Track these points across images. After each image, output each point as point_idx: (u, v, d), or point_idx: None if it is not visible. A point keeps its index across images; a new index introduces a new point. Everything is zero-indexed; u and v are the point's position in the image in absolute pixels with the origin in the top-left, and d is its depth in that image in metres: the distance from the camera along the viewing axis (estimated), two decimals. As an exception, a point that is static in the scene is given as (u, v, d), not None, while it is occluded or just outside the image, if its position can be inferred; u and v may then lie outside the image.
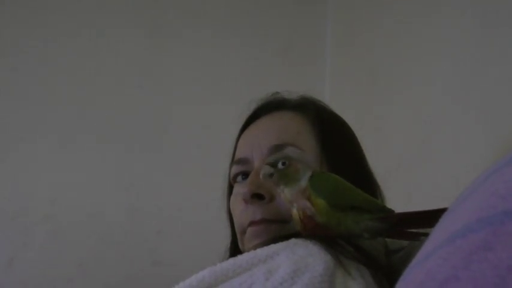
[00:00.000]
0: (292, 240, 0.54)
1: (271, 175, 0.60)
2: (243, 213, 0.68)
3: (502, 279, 0.24)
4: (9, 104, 1.52)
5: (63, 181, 1.51)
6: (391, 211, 0.59)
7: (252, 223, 0.66)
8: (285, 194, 0.60)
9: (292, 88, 0.79)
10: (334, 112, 0.77)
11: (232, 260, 0.52)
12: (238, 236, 0.70)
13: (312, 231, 0.57)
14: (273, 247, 0.52)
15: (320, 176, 0.60)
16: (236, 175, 0.72)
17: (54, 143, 1.53)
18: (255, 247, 0.60)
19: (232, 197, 0.73)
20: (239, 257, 0.52)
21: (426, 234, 0.56)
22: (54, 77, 1.56)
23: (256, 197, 0.66)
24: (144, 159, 1.58)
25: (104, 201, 1.52)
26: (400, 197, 0.73)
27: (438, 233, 0.32)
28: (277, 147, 0.67)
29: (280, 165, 0.60)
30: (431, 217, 0.53)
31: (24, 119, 1.51)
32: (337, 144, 0.69)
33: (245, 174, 0.71)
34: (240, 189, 0.69)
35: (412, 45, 1.32)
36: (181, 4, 1.70)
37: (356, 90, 1.58)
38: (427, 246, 0.32)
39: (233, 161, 0.74)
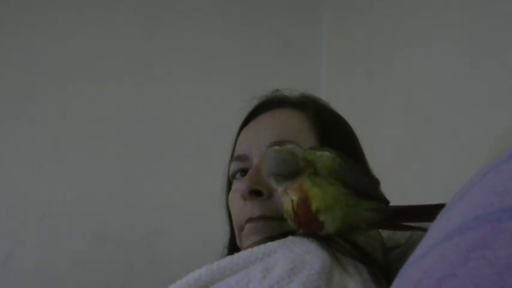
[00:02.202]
0: (289, 238, 0.54)
1: None
2: (241, 209, 0.67)
3: (499, 277, 0.24)
4: (7, 104, 1.51)
5: (60, 180, 1.51)
6: (387, 202, 0.59)
7: (250, 220, 0.66)
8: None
9: (289, 85, 0.79)
10: (334, 111, 0.77)
11: (229, 258, 0.52)
12: (236, 232, 0.70)
13: (306, 224, 0.57)
14: (270, 245, 0.52)
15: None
16: (235, 172, 0.72)
17: (51, 142, 1.52)
18: (253, 244, 0.60)
19: (230, 194, 0.72)
20: (236, 255, 0.52)
21: (423, 229, 0.56)
22: (49, 75, 1.55)
23: (255, 193, 0.65)
24: (140, 158, 1.58)
25: (101, 200, 1.52)
26: (395, 195, 0.73)
27: (436, 231, 0.32)
28: (277, 144, 0.67)
29: None
30: (427, 211, 0.53)
31: (22, 118, 1.51)
32: (337, 142, 0.68)
33: (244, 171, 0.70)
34: (238, 185, 0.69)
35: (408, 43, 1.32)
36: (177, 3, 1.69)
37: (352, 87, 1.59)
38: (425, 243, 0.32)
39: (232, 158, 0.74)
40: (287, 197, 0.58)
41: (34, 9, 1.57)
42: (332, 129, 0.71)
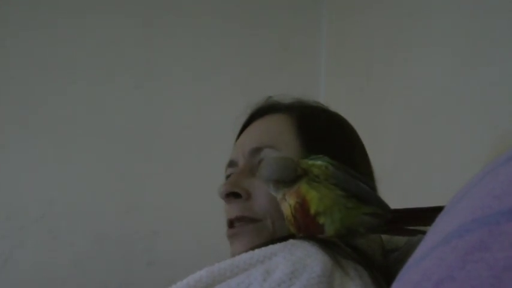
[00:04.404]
0: (290, 241, 0.54)
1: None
2: (225, 212, 0.70)
3: (498, 279, 0.24)
4: (7, 104, 1.51)
5: (60, 181, 1.51)
6: (386, 207, 0.59)
7: (229, 221, 0.68)
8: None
9: (289, 88, 0.80)
10: (331, 114, 0.76)
11: (229, 261, 0.52)
12: None
13: (306, 228, 0.57)
14: (271, 248, 0.53)
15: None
16: (226, 177, 0.74)
17: (50, 143, 1.53)
18: (235, 248, 0.62)
19: None
20: (237, 258, 0.52)
21: (422, 232, 0.56)
22: (48, 77, 1.55)
23: (233, 195, 0.67)
24: (139, 159, 1.58)
25: (100, 202, 1.52)
26: (395, 197, 0.73)
27: (434, 233, 0.32)
28: (256, 150, 0.69)
29: None
30: (426, 214, 0.54)
31: (22, 119, 1.51)
32: (324, 146, 0.67)
33: None
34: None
35: (407, 45, 1.32)
36: (176, 5, 1.70)
37: (351, 90, 1.59)
38: (423, 246, 0.32)
39: (227, 164, 0.76)
40: (285, 203, 0.58)
41: (34, 11, 1.57)
42: (320, 133, 0.71)
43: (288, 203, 0.58)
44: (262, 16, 1.77)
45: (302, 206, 0.56)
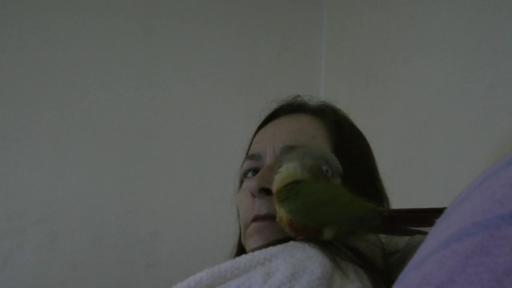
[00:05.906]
0: (291, 243, 0.54)
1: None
2: (249, 207, 0.68)
3: (498, 283, 0.24)
4: (5, 106, 1.51)
5: (59, 183, 1.51)
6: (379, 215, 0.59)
7: (256, 217, 0.66)
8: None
9: (288, 89, 0.80)
10: (352, 122, 0.77)
11: (230, 262, 0.52)
12: (242, 230, 0.71)
13: (304, 234, 0.57)
14: (271, 250, 0.52)
15: (289, 191, 0.58)
16: (247, 170, 0.72)
17: (50, 145, 1.53)
18: (255, 248, 0.61)
19: (240, 192, 0.73)
20: (237, 259, 0.52)
21: (422, 232, 0.56)
22: (49, 79, 1.55)
23: (264, 191, 0.66)
24: (138, 161, 1.58)
25: (99, 204, 1.52)
26: (395, 197, 0.73)
27: (434, 237, 0.32)
28: (290, 148, 0.67)
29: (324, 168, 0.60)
30: (425, 215, 0.54)
31: (20, 121, 1.51)
32: (350, 153, 0.69)
33: (256, 170, 0.71)
34: (249, 183, 0.69)
35: (407, 47, 1.32)
36: (177, 6, 1.70)
37: (351, 91, 1.59)
38: (423, 249, 0.32)
39: (246, 157, 0.74)
40: (278, 209, 0.59)
41: (34, 12, 1.57)
42: (348, 140, 0.71)
43: (279, 214, 0.58)
44: (262, 17, 1.77)
45: (292, 222, 0.57)
